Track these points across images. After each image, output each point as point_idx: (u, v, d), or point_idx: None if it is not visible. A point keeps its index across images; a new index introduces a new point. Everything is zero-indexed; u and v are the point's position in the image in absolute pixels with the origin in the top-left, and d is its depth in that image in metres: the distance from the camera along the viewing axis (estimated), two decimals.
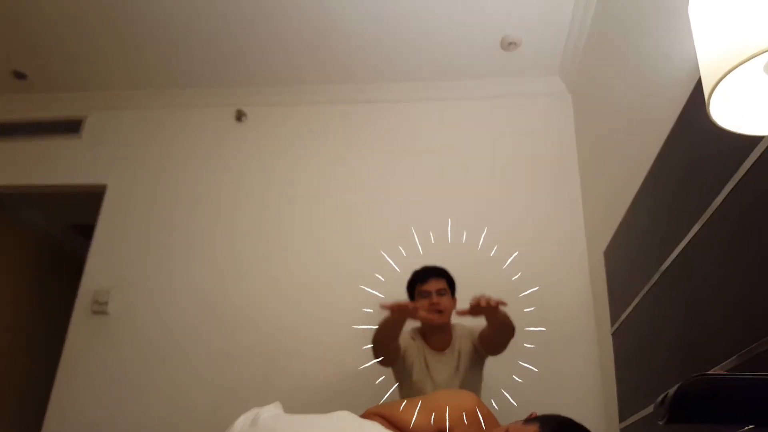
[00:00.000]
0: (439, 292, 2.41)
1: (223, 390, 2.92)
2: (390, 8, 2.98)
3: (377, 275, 2.96)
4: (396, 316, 2.20)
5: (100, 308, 3.17)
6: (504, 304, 2.13)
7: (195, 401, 2.92)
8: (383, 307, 2.19)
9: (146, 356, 3.06)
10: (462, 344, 2.42)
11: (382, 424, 1.41)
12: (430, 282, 2.43)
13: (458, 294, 2.51)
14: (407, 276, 2.53)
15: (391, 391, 2.47)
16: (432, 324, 2.39)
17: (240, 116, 3.59)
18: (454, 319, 2.47)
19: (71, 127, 3.72)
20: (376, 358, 2.35)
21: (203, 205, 3.40)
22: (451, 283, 2.49)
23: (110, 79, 3.67)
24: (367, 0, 2.93)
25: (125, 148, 3.64)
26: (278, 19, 3.09)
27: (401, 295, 2.50)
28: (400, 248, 2.98)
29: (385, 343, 2.30)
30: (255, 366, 2.95)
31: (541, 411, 1.45)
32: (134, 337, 3.11)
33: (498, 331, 2.28)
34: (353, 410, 1.45)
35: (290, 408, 1.50)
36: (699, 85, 1.50)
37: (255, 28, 3.16)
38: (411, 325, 2.49)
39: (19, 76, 3.64)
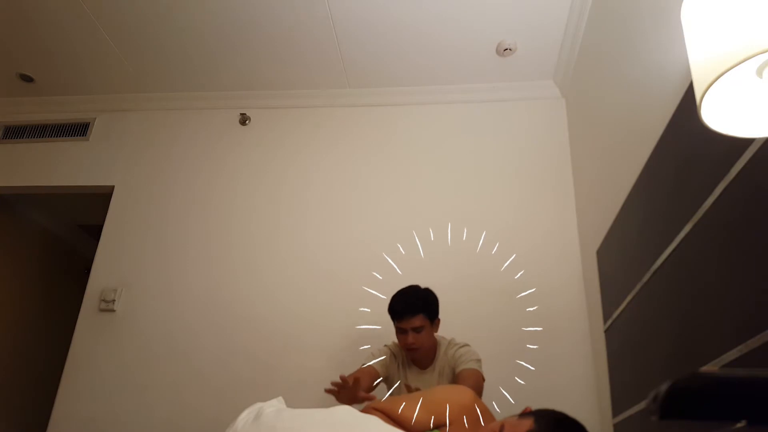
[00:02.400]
0: (416, 330, 2.31)
1: (227, 386, 2.94)
2: (389, 15, 3.01)
3: (377, 275, 2.99)
4: (343, 399, 2.08)
5: (107, 306, 3.20)
6: None
7: (199, 397, 2.94)
8: (328, 392, 2.10)
9: (152, 353, 3.08)
10: (445, 367, 2.40)
11: (382, 419, 1.43)
12: (404, 320, 2.32)
13: (457, 294, 2.53)
14: (407, 276, 2.55)
15: (392, 389, 2.49)
16: (411, 356, 2.40)
17: (244, 120, 3.62)
18: (446, 333, 2.50)
19: (79, 129, 3.77)
20: None
21: (208, 206, 3.42)
22: (430, 312, 2.37)
23: (117, 83, 3.68)
24: (366, 7, 2.96)
25: (132, 150, 3.67)
26: (279, 26, 3.11)
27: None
28: (400, 248, 3.00)
29: None
30: (258, 363, 2.97)
31: (535, 406, 1.48)
32: (140, 335, 3.14)
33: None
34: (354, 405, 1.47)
35: (292, 403, 1.52)
36: (690, 88, 1.52)
37: (258, 35, 3.19)
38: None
39: (26, 79, 3.66)
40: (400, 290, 2.42)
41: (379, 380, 2.42)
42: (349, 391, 2.06)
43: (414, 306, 2.32)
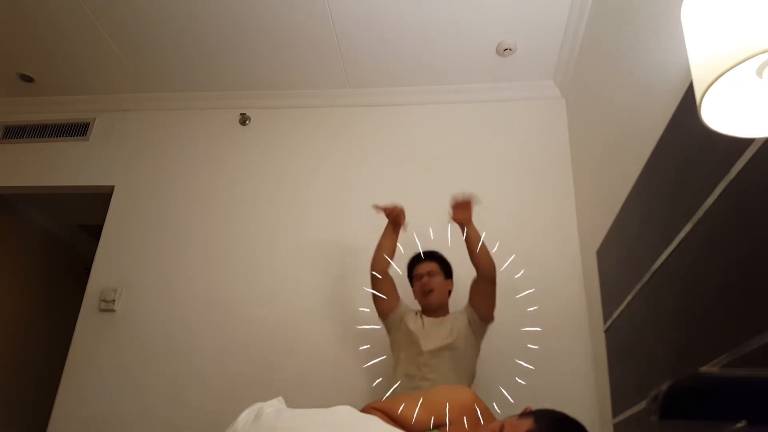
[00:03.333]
0: (430, 274, 2.53)
1: (227, 386, 2.94)
2: (389, 15, 3.01)
3: (377, 274, 2.98)
4: (390, 217, 2.54)
5: (107, 306, 3.20)
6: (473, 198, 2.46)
7: (199, 397, 2.94)
8: (376, 207, 2.54)
9: (152, 353, 3.08)
10: (457, 319, 2.48)
11: (382, 419, 1.44)
12: (421, 265, 2.57)
13: (457, 294, 2.54)
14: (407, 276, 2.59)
15: (393, 389, 2.49)
16: (426, 302, 2.52)
17: (244, 120, 3.62)
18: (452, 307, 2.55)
19: (79, 129, 3.76)
20: (373, 273, 2.53)
21: (208, 206, 3.42)
22: (444, 266, 2.60)
23: (117, 83, 3.68)
24: (366, 7, 2.96)
25: (132, 150, 3.67)
26: (280, 25, 3.11)
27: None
28: (400, 248, 3.00)
29: (383, 253, 2.53)
30: (258, 363, 2.97)
31: (535, 406, 1.48)
32: (140, 335, 3.14)
33: (480, 259, 2.44)
34: (353, 405, 1.47)
35: (292, 403, 1.52)
36: (690, 88, 1.52)
37: (258, 34, 3.19)
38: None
39: (26, 79, 3.66)
40: None
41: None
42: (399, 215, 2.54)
43: (428, 253, 2.64)
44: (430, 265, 2.56)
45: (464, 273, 2.85)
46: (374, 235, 3.17)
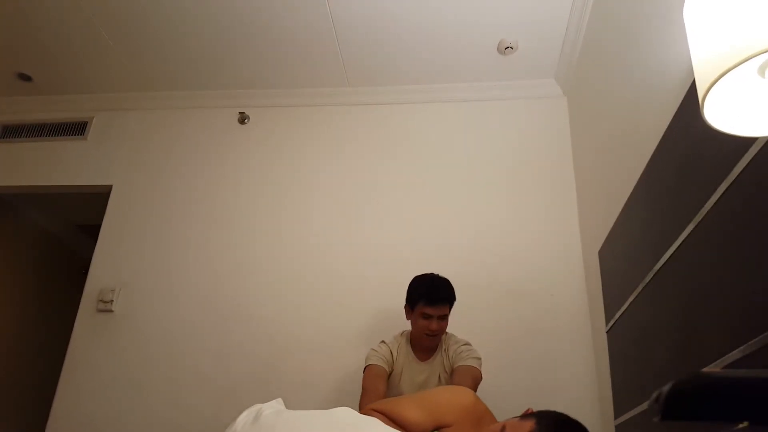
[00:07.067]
0: (441, 318, 2.35)
1: (226, 387, 2.93)
2: (389, 13, 3.00)
3: (374, 271, 2.98)
4: None
5: (105, 307, 3.19)
6: None
7: (198, 399, 2.93)
8: None
9: (150, 354, 3.07)
10: (444, 362, 2.42)
11: (382, 421, 1.43)
12: (437, 307, 2.35)
13: (458, 294, 2.53)
14: (409, 276, 2.54)
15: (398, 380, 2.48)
16: (426, 344, 2.42)
17: (243, 119, 3.61)
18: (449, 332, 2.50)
19: (77, 128, 3.75)
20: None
21: (207, 206, 3.41)
22: (453, 302, 2.43)
23: (115, 82, 3.68)
24: (366, 5, 2.95)
25: (131, 150, 3.66)
26: (280, 24, 3.10)
27: (400, 295, 2.51)
28: (401, 247, 2.99)
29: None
30: (257, 364, 2.97)
31: (537, 407, 1.47)
32: (138, 336, 3.13)
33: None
34: (353, 407, 1.47)
35: (292, 405, 1.52)
36: (693, 87, 1.51)
37: (257, 33, 3.18)
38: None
39: (25, 78, 3.65)
40: (431, 277, 2.45)
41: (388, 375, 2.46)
42: None
43: (451, 295, 2.39)
44: (445, 309, 2.35)
45: (466, 274, 2.84)
46: (374, 234, 3.18)
